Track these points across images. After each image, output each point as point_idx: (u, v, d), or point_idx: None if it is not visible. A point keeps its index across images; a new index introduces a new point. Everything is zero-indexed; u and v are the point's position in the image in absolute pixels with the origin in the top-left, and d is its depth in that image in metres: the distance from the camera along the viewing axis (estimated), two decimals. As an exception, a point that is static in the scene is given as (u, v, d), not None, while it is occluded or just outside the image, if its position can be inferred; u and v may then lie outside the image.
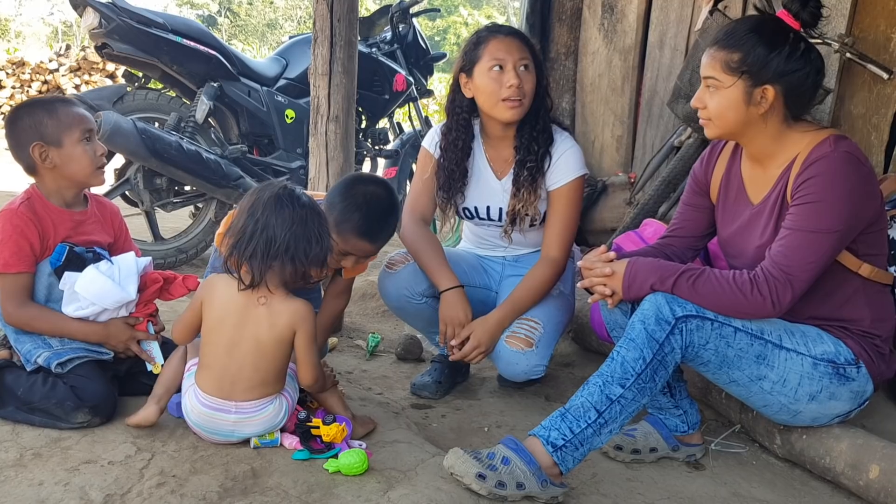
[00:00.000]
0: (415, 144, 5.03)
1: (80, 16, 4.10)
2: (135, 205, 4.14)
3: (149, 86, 4.35)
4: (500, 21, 26.74)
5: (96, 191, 2.46)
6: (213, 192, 4.11)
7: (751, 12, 2.95)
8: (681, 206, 2.22)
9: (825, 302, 1.95)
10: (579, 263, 2.05)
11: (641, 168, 3.56)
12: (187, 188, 4.21)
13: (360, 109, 4.79)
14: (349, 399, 2.23)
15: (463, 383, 2.68)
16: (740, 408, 2.27)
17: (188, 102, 4.27)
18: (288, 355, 1.94)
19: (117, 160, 4.04)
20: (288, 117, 4.48)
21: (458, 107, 2.42)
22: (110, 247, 2.24)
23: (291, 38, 5.04)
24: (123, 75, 4.43)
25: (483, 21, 27.61)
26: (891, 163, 2.77)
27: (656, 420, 2.16)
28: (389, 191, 2.24)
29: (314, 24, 3.08)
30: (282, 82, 4.59)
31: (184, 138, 4.02)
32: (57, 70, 10.83)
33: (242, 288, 1.87)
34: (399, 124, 5.39)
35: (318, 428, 1.91)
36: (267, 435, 1.92)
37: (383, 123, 5.15)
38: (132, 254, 2.18)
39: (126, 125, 3.74)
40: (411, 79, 4.98)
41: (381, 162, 5.04)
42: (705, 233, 2.19)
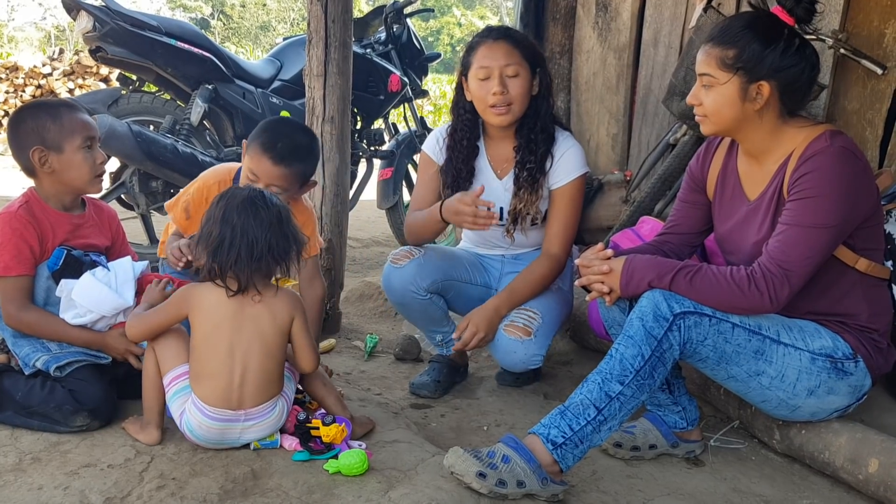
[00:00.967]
0: (410, 145, 5.03)
1: (74, 19, 4.10)
2: (131, 208, 4.13)
3: (143, 89, 4.35)
4: (493, 21, 26.76)
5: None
6: None
7: (745, 9, 2.94)
8: (677, 203, 2.22)
9: (823, 297, 1.95)
10: (577, 261, 2.05)
11: (637, 166, 3.56)
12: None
13: (356, 110, 4.79)
14: (348, 399, 2.23)
15: (462, 382, 2.68)
16: (739, 403, 2.28)
17: (183, 105, 4.27)
18: (285, 348, 1.95)
19: (113, 164, 4.03)
20: None
21: (462, 108, 2.48)
22: (107, 250, 2.24)
23: (285, 39, 5.03)
24: (118, 79, 4.44)
25: (476, 21, 27.63)
26: (886, 158, 2.78)
27: (655, 417, 2.16)
28: (307, 129, 2.46)
29: (309, 25, 3.08)
30: (276, 84, 4.58)
31: (179, 141, 4.01)
32: (51, 74, 10.79)
33: (232, 294, 1.86)
34: (394, 125, 5.38)
35: (317, 429, 1.91)
36: (267, 436, 1.92)
37: (379, 124, 5.14)
38: (129, 258, 2.18)
39: (121, 128, 3.74)
40: (406, 79, 4.98)
41: (377, 163, 5.03)
42: (702, 229, 2.20)
